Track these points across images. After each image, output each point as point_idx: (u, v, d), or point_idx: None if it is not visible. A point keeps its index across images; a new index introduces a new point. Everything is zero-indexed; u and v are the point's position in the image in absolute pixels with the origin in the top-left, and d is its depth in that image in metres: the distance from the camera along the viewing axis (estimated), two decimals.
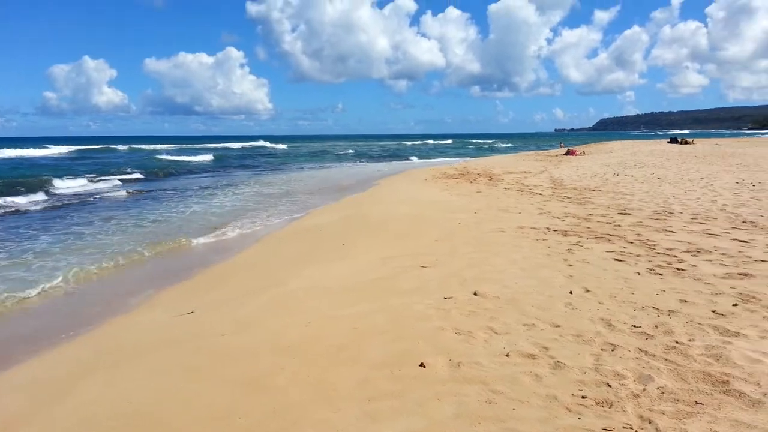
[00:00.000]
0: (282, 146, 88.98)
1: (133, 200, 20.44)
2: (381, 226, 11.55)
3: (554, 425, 3.42)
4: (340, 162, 48.56)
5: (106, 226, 14.04)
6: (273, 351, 4.91)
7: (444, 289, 6.39)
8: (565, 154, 39.95)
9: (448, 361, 4.40)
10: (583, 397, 3.72)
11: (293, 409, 3.83)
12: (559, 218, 11.18)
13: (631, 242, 8.56)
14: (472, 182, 20.43)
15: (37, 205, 18.93)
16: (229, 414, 3.84)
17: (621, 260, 7.43)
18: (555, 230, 9.79)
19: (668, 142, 56.30)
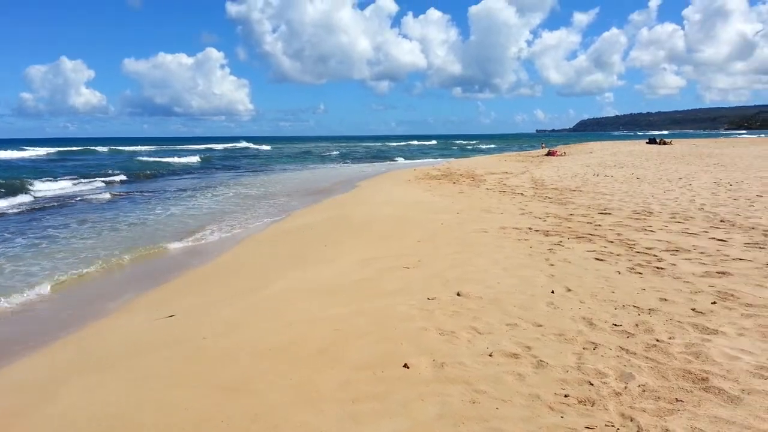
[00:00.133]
0: (266, 147, 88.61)
1: (115, 202, 20.13)
2: (364, 228, 11.53)
3: (537, 424, 3.42)
4: (324, 163, 48.43)
5: (88, 228, 13.82)
6: (254, 354, 4.87)
7: (427, 289, 6.39)
8: (546, 154, 40.28)
9: (431, 361, 4.39)
10: (566, 396, 3.73)
11: (274, 412, 3.79)
12: (540, 218, 11.25)
13: (611, 242, 8.64)
14: (454, 183, 20.50)
15: (18, 207, 18.56)
16: (210, 418, 3.78)
17: (602, 259, 7.50)
18: (537, 230, 9.85)
19: (647, 143, 57.05)
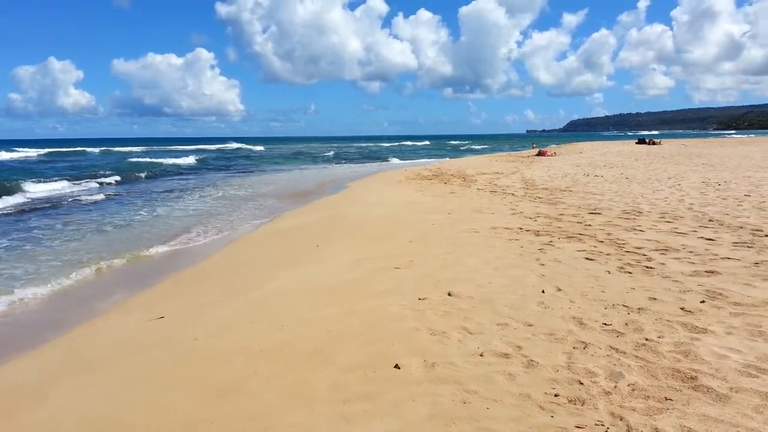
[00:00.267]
0: (259, 148, 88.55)
1: (109, 203, 19.93)
2: (355, 228, 11.53)
3: (528, 424, 3.44)
4: (318, 164, 48.36)
5: (81, 230, 13.73)
6: (246, 355, 4.86)
7: (418, 290, 6.40)
8: (536, 154, 40.42)
9: (422, 361, 4.40)
10: (556, 395, 3.75)
11: (266, 413, 3.79)
12: (531, 218, 11.29)
13: (601, 241, 8.69)
14: (445, 183, 20.53)
15: (12, 209, 18.40)
16: (201, 420, 3.77)
17: (592, 259, 7.54)
18: (527, 230, 9.89)
19: (636, 143, 57.38)
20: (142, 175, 33.93)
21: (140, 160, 49.64)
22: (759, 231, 8.92)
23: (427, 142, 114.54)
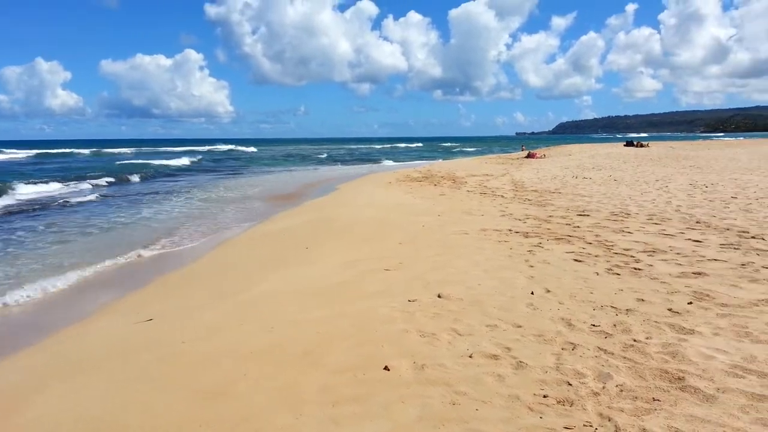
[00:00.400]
0: (252, 149, 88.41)
1: (101, 205, 19.71)
2: (345, 230, 11.52)
3: (517, 425, 3.45)
4: (311, 165, 48.30)
5: (73, 231, 13.61)
6: (235, 357, 4.83)
7: (408, 291, 6.40)
8: (526, 157, 40.58)
9: (412, 363, 4.40)
10: (545, 397, 3.77)
11: (255, 416, 3.77)
12: (520, 220, 11.34)
13: (589, 243, 8.74)
14: (435, 185, 20.56)
15: (2, 210, 18.20)
16: (189, 423, 3.75)
17: (580, 261, 7.58)
18: (517, 232, 9.92)
19: (624, 145, 57.75)
20: (135, 177, 33.54)
21: (132, 161, 49.29)
22: (745, 232, 9.01)
23: (419, 144, 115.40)
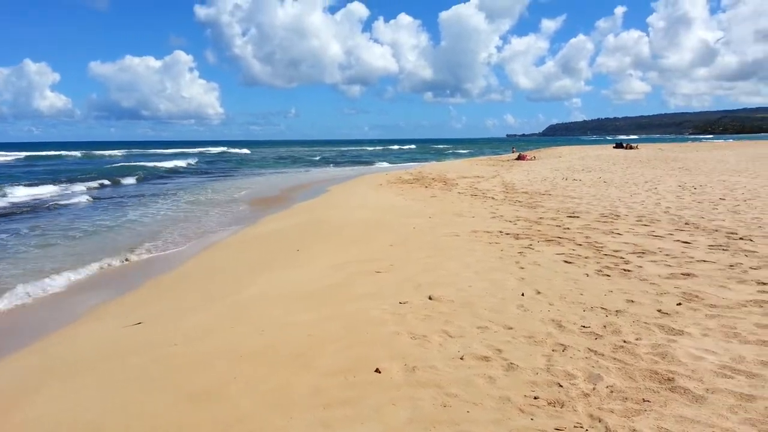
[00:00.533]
0: (245, 151, 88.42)
1: (93, 207, 19.54)
2: (336, 232, 11.50)
3: (508, 427, 3.45)
4: (303, 167, 48.27)
5: (61, 234, 13.49)
6: (226, 360, 4.81)
7: (399, 293, 6.39)
8: (516, 158, 40.73)
9: (403, 365, 4.40)
10: (536, 398, 3.77)
11: (246, 419, 3.75)
12: (511, 222, 11.37)
13: (579, 244, 8.78)
14: (426, 187, 20.59)
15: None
16: (179, 427, 3.72)
17: (570, 262, 7.61)
18: (507, 234, 9.95)
19: (614, 147, 58.09)
20: (129, 179, 33.27)
21: (124, 164, 48.92)
22: (733, 234, 9.08)
23: (412, 146, 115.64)
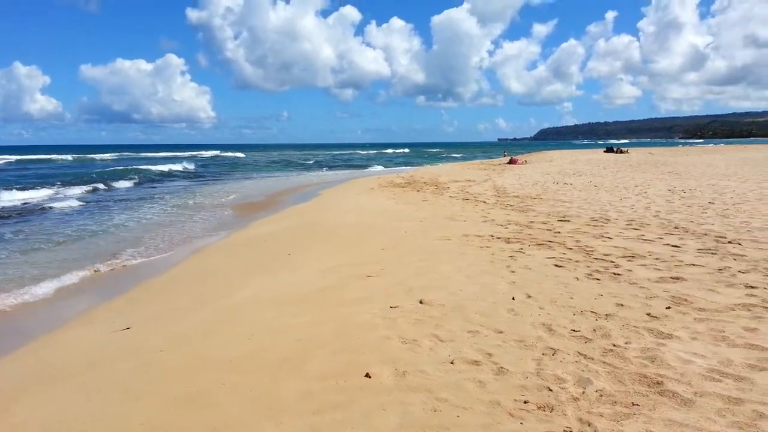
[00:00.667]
0: (240, 155, 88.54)
1: (86, 211, 19.36)
2: (327, 236, 11.48)
3: (498, 431, 3.45)
4: (296, 171, 48.18)
5: (53, 238, 13.37)
6: (213, 366, 4.78)
7: (390, 298, 6.38)
8: (508, 162, 40.87)
9: (393, 370, 4.39)
10: (525, 402, 3.77)
11: (234, 425, 3.72)
12: (502, 226, 11.39)
13: (570, 248, 8.80)
14: (418, 191, 20.60)
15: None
16: (167, 431, 3.69)
17: (561, 266, 7.63)
18: (498, 237, 9.96)
19: (604, 152, 58.42)
20: (124, 182, 33.05)
21: (117, 167, 48.69)
22: (722, 238, 9.14)
23: (406, 150, 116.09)
